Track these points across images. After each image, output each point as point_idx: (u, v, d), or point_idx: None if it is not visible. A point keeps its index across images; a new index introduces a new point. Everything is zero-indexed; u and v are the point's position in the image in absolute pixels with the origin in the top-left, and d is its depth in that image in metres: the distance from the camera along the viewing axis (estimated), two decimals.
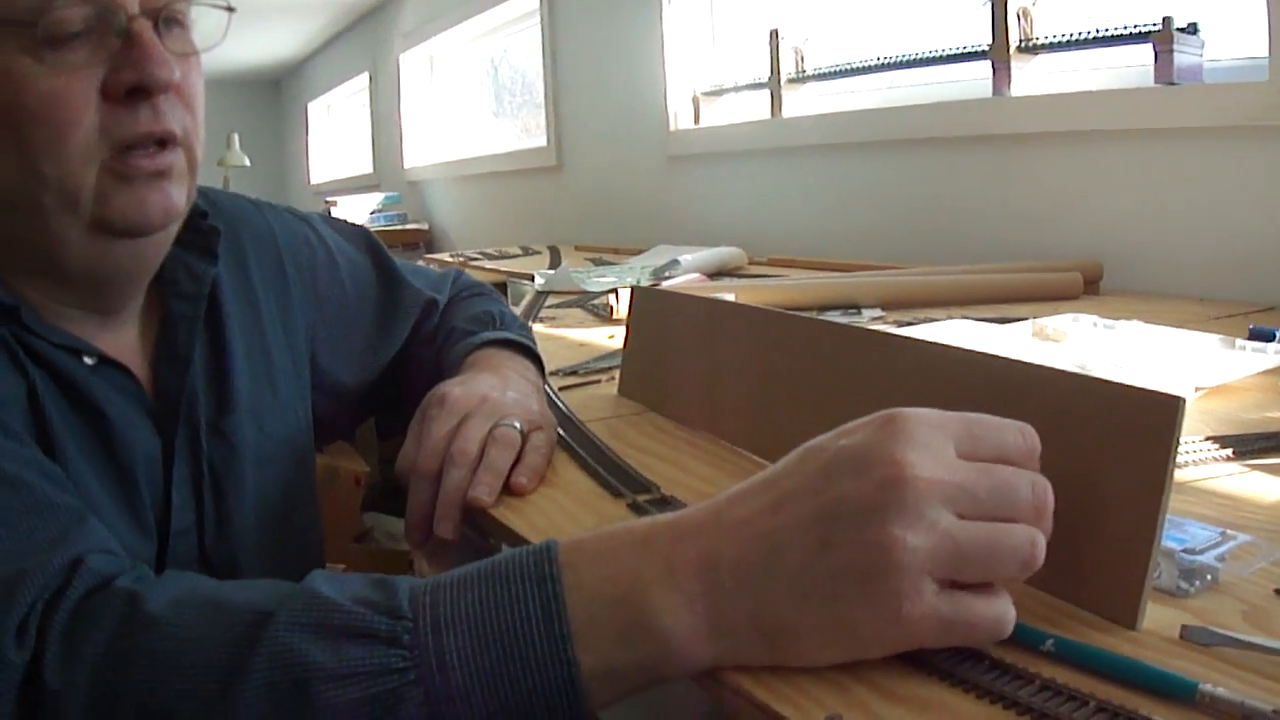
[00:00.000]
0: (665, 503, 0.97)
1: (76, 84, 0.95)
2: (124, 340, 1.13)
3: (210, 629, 0.72)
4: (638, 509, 0.97)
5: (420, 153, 6.76)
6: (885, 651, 0.64)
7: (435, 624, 0.69)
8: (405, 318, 1.47)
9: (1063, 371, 0.74)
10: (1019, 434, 0.69)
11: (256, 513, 1.20)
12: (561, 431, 1.21)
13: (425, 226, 6.45)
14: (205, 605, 0.74)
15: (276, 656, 0.69)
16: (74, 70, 0.95)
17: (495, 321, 1.42)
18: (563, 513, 0.99)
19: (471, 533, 1.03)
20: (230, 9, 1.10)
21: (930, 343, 0.90)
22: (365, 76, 7.64)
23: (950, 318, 1.76)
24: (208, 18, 1.08)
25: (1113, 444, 0.69)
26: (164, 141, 1.01)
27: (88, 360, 1.05)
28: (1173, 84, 2.10)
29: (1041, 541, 0.65)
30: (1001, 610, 0.65)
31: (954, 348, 0.86)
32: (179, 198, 1.04)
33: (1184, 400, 0.66)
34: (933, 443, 0.66)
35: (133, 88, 0.97)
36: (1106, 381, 0.71)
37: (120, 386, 1.08)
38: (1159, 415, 0.66)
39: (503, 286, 3.08)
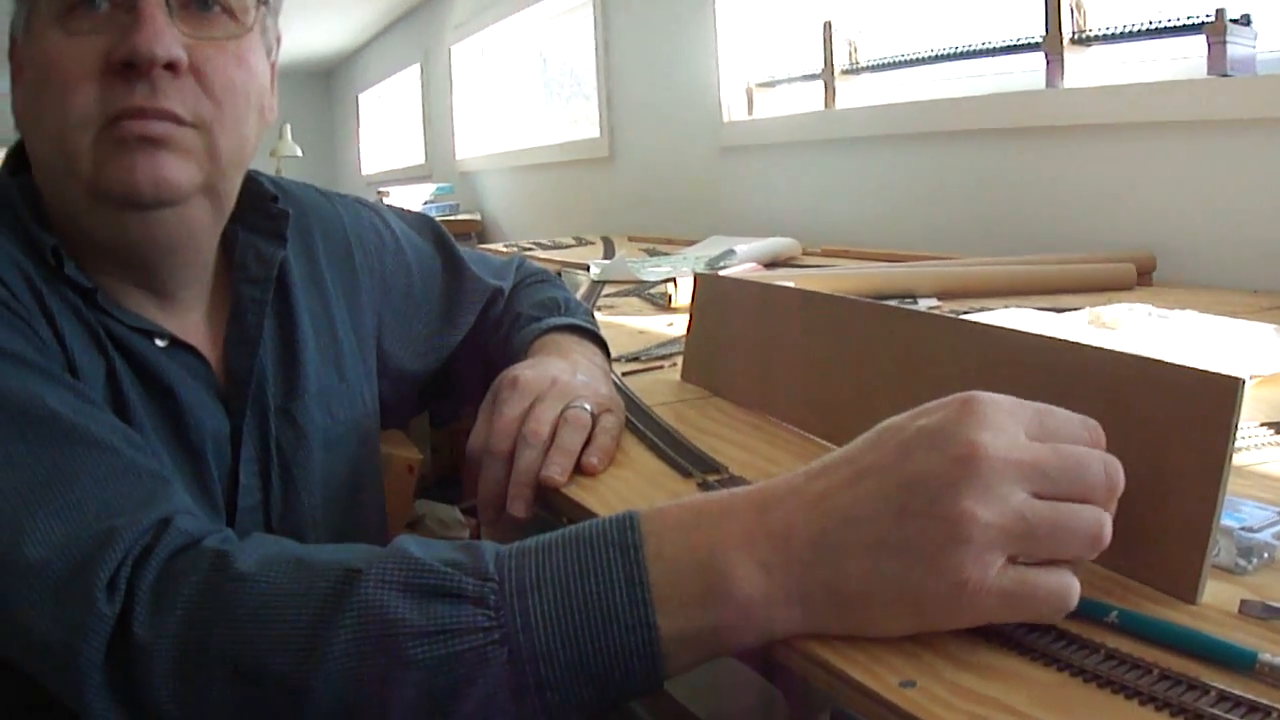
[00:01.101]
0: (734, 482, 0.99)
1: (82, 52, 0.99)
2: (191, 323, 1.17)
3: (299, 585, 0.75)
4: (707, 488, 0.99)
5: (472, 143, 6.78)
6: (951, 624, 0.67)
7: (521, 586, 0.72)
8: (470, 306, 1.50)
9: (1123, 353, 0.75)
10: (1084, 429, 0.71)
11: (323, 494, 1.23)
12: (629, 414, 1.23)
13: (477, 217, 6.46)
14: (293, 563, 0.77)
15: (365, 612, 0.72)
16: (83, 38, 0.99)
17: (561, 307, 1.45)
18: (634, 491, 1.01)
19: (544, 512, 1.05)
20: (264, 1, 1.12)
21: (990, 326, 0.92)
22: (417, 68, 7.66)
23: (1006, 308, 1.78)
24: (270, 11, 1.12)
25: (1174, 425, 0.70)
26: (146, 114, 1.02)
27: (159, 342, 1.09)
28: (1226, 75, 2.09)
29: (1108, 521, 0.68)
30: (1065, 584, 0.67)
31: (1015, 330, 0.88)
32: (176, 171, 1.03)
33: (1244, 381, 0.68)
34: (1007, 425, 0.68)
35: (124, 61, 0.99)
36: (1167, 363, 0.72)
37: (190, 368, 1.12)
38: (1219, 396, 0.68)
39: (557, 275, 3.10)
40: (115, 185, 1.01)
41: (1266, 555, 0.74)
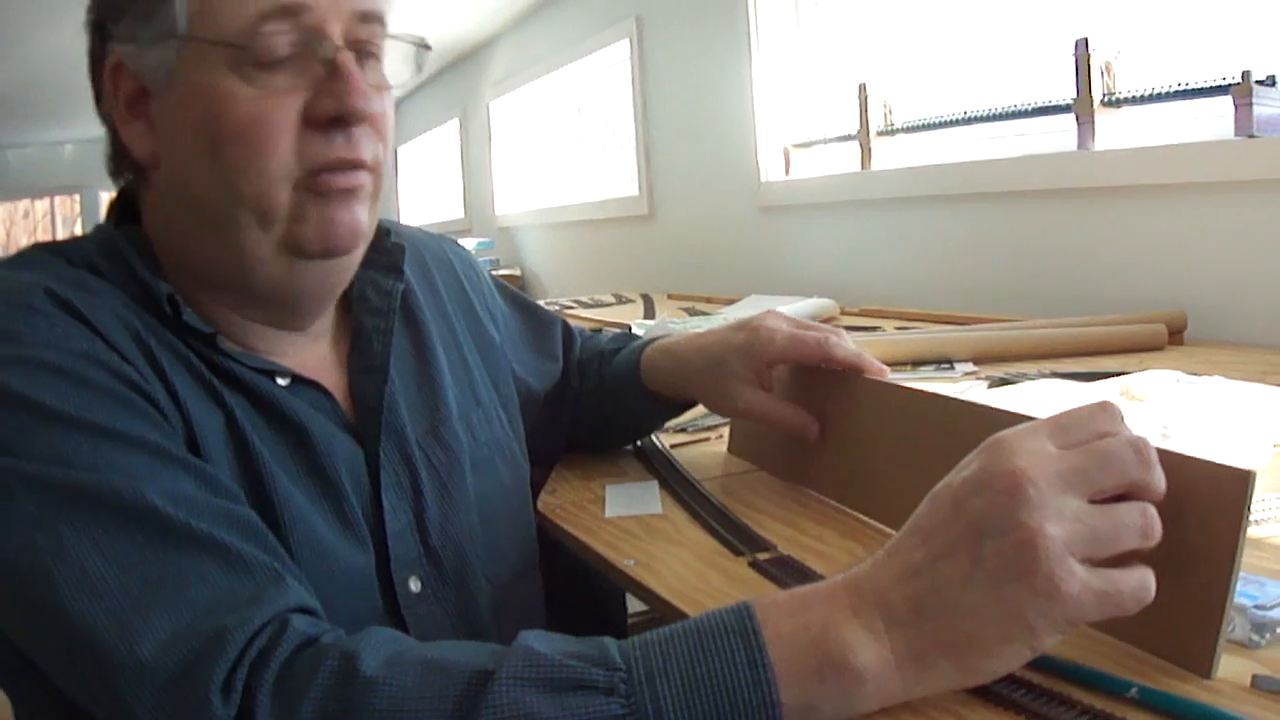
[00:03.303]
0: (784, 561, 1.05)
1: (279, 107, 1.02)
2: (316, 355, 1.20)
3: (432, 688, 0.77)
4: (758, 567, 1.04)
5: (511, 198, 6.83)
6: (1060, 632, 0.72)
7: (649, 674, 0.75)
8: (553, 332, 1.58)
9: None
10: (1102, 410, 0.78)
11: (479, 511, 1.25)
12: (680, 490, 1.29)
13: (517, 272, 6.51)
14: (421, 665, 0.79)
15: (503, 709, 0.74)
16: (278, 94, 1.02)
17: (633, 339, 1.54)
18: (690, 570, 1.06)
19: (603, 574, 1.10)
20: (426, 46, 1.17)
21: (1014, 413, 0.96)
22: (455, 122, 7.72)
23: (1040, 372, 1.82)
24: (398, 52, 1.15)
25: (1188, 513, 0.75)
26: (349, 165, 1.07)
27: (281, 381, 1.11)
28: (1253, 136, 2.12)
29: (1151, 511, 0.74)
30: (1141, 578, 0.73)
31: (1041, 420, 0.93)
32: (364, 217, 1.10)
33: (1254, 474, 0.73)
34: (1035, 447, 0.75)
35: (334, 116, 1.04)
36: (1182, 455, 0.77)
37: (314, 403, 1.14)
38: (1230, 488, 0.73)
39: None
40: (315, 238, 1.07)
41: (1279, 631, 0.79)
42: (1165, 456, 0.78)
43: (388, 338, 1.22)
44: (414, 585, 1.15)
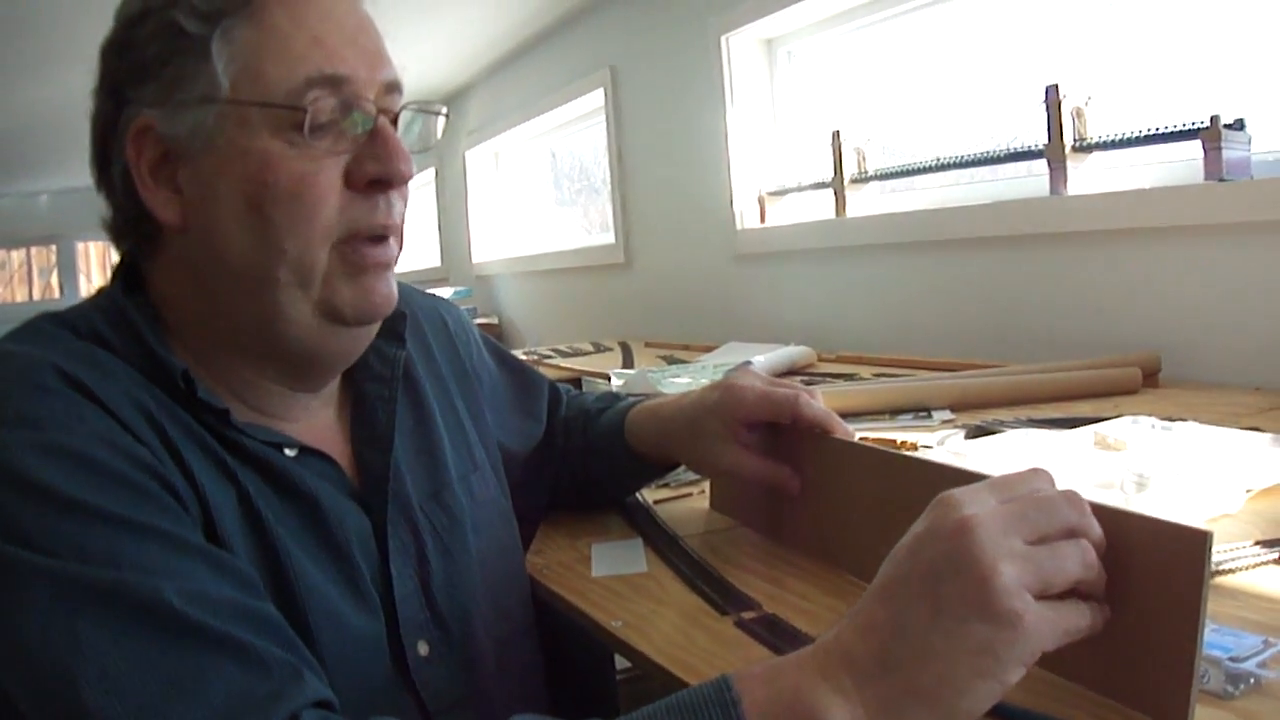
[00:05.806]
0: (768, 619, 1.06)
1: (324, 170, 1.05)
2: (323, 419, 1.21)
3: None
4: (743, 626, 1.05)
5: (488, 247, 6.83)
6: (1025, 661, 0.74)
7: None
8: (539, 392, 1.60)
9: (1105, 506, 0.82)
10: (1035, 473, 0.83)
11: (480, 574, 1.26)
12: (664, 548, 1.31)
13: (495, 321, 6.52)
14: None
15: None
16: (322, 157, 1.05)
17: (620, 398, 1.57)
18: (677, 631, 1.07)
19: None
20: (446, 115, 1.21)
21: (971, 471, 0.98)
22: (431, 171, 7.72)
23: (1017, 420, 1.84)
24: (404, 119, 1.17)
25: (1153, 571, 0.78)
26: (387, 230, 1.11)
27: (289, 452, 1.12)
28: (1222, 180, 2.15)
29: (1087, 545, 0.78)
30: (1083, 611, 0.77)
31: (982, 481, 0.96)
32: (394, 286, 1.14)
33: (1212, 534, 0.75)
34: (978, 498, 0.78)
35: (375, 179, 1.07)
36: (1144, 516, 0.80)
37: (321, 472, 1.14)
38: (1190, 548, 0.75)
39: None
40: (350, 308, 1.10)
41: (1253, 681, 0.81)
42: (1130, 517, 0.81)
43: (391, 406, 1.24)
44: (423, 649, 1.15)
